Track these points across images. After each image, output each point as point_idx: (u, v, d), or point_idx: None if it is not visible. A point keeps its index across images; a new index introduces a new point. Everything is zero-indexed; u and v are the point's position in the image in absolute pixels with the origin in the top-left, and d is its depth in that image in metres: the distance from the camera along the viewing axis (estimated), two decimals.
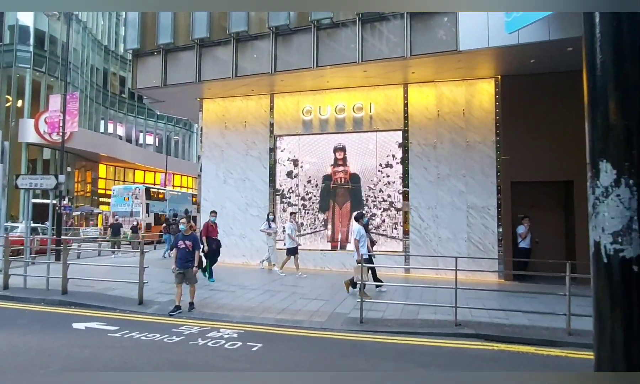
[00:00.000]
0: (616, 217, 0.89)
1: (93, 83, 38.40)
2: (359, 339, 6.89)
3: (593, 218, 0.95)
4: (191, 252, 8.47)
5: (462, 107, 12.70)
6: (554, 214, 12.46)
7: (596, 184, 0.93)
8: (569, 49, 10.09)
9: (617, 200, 0.88)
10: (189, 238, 8.55)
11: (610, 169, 0.90)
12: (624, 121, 0.91)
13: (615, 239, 0.89)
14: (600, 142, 0.95)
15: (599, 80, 1.00)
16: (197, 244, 8.65)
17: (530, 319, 7.66)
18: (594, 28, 0.97)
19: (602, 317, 0.97)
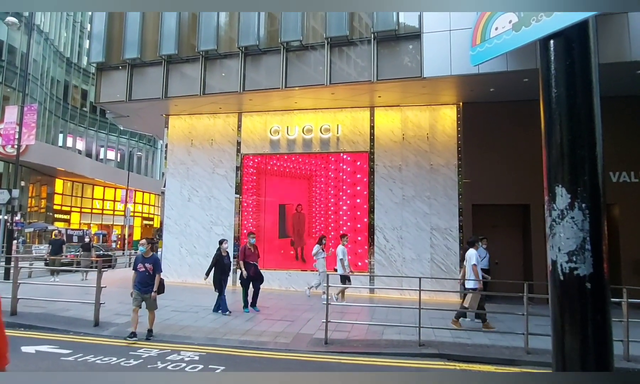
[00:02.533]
0: (571, 237, 0.95)
1: (53, 95, 37.04)
2: (325, 360, 6.83)
3: (550, 238, 1.01)
4: (151, 275, 7.86)
5: (426, 131, 13.12)
6: (512, 235, 12.96)
7: (553, 207, 0.99)
8: (525, 80, 10.70)
9: (572, 222, 0.94)
10: (149, 260, 7.90)
11: (565, 193, 0.97)
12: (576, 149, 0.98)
13: (570, 258, 0.95)
14: (555, 168, 1.02)
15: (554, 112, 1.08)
16: (158, 267, 7.97)
17: (491, 339, 7.86)
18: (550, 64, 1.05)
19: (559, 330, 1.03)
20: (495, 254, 12.56)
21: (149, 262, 7.90)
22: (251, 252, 10.27)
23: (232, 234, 14.35)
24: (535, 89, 7.81)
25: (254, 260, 10.26)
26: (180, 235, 14.80)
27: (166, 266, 14.79)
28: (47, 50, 35.89)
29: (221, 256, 9.92)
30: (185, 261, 14.67)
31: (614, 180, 11.83)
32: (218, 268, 9.89)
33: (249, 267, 10.09)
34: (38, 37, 33.85)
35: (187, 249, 14.69)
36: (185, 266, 14.64)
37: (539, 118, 7.41)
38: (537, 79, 7.53)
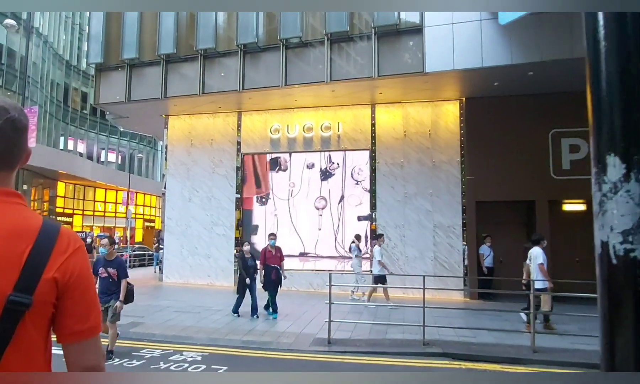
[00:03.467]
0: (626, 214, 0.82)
1: (53, 98, 37.01)
2: (328, 360, 6.72)
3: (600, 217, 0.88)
4: (116, 282, 6.60)
5: (428, 127, 12.99)
6: (517, 233, 12.80)
7: (603, 180, 0.87)
8: (530, 73, 10.57)
9: (627, 196, 0.82)
10: (112, 264, 6.63)
11: (619, 163, 0.84)
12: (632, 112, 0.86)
13: (625, 238, 0.83)
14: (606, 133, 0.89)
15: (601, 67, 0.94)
16: (123, 272, 6.69)
17: (496, 337, 7.72)
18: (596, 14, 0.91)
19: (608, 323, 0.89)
20: (499, 251, 12.43)
21: (112, 266, 6.64)
22: (272, 255, 9.67)
23: (233, 235, 14.24)
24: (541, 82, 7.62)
25: (275, 263, 9.61)
26: (181, 236, 14.71)
27: (168, 267, 14.73)
28: (47, 53, 35.87)
29: (244, 258, 9.51)
30: (186, 262, 14.57)
31: None
32: (242, 270, 9.53)
33: (270, 270, 9.53)
34: (37, 40, 33.84)
35: (188, 249, 14.59)
36: (187, 266, 14.54)
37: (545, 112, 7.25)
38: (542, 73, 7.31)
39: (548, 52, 10.01)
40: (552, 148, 12.17)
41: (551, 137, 12.20)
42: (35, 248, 1.11)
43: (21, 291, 1.07)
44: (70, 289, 1.16)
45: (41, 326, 1.14)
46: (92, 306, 1.22)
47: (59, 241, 1.16)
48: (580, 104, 10.91)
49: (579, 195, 12.17)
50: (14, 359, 1.07)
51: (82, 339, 1.18)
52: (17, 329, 1.07)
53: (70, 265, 1.16)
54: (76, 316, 1.18)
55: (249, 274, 9.32)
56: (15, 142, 1.20)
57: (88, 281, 1.22)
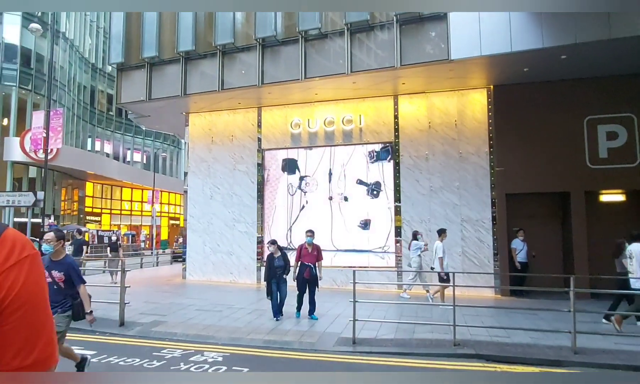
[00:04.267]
0: None
1: (80, 101, 37.89)
2: (353, 361, 6.42)
3: None
4: (63, 289, 5.05)
5: (454, 118, 12.46)
6: (550, 226, 12.17)
7: None
8: (562, 56, 9.94)
9: None
10: (59, 266, 5.01)
11: None
12: None
13: None
14: None
15: None
16: (75, 277, 5.10)
17: (533, 338, 7.26)
18: None
19: None
20: (532, 246, 11.84)
21: (59, 269, 5.01)
22: (307, 253, 9.04)
23: (255, 232, 14.09)
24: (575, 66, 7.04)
25: (310, 261, 8.97)
26: (203, 233, 14.66)
27: (190, 265, 14.72)
28: (73, 56, 36.70)
29: (271, 258, 9.01)
30: (209, 259, 14.51)
31: None
32: (267, 270, 9.03)
33: (303, 269, 8.93)
34: (64, 44, 34.65)
35: (210, 247, 14.54)
36: (209, 264, 14.49)
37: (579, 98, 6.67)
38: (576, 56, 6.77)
39: (583, 33, 9.38)
40: (588, 136, 11.48)
41: (586, 125, 11.50)
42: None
43: None
44: (7, 311, 0.89)
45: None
46: (40, 332, 0.94)
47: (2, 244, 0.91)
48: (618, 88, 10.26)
49: (617, 185, 11.46)
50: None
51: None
52: None
53: (9, 280, 0.89)
54: (15, 347, 0.90)
55: (275, 275, 8.78)
56: None
57: (35, 300, 0.94)
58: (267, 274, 8.84)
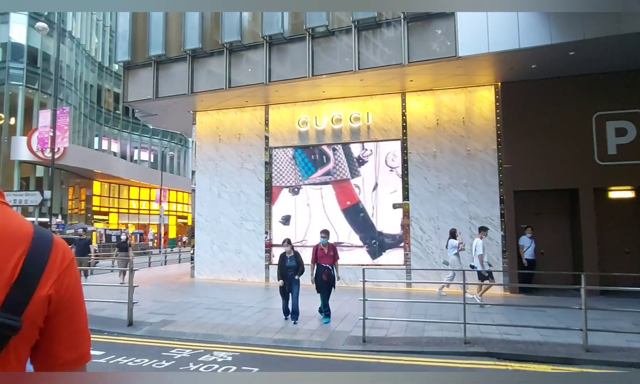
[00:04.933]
0: None
1: (87, 100, 38.10)
2: (363, 360, 6.42)
3: None
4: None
5: (462, 115, 12.40)
6: (559, 223, 12.09)
7: None
8: (571, 53, 9.86)
9: None
10: None
11: None
12: None
13: None
14: None
15: None
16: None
17: (543, 335, 7.23)
18: None
19: None
20: (540, 243, 11.78)
21: None
22: (323, 254, 8.60)
23: (263, 230, 14.12)
24: (583, 62, 6.99)
25: (327, 262, 8.53)
26: (211, 232, 14.71)
27: (198, 263, 14.78)
28: (80, 55, 36.88)
29: (283, 257, 8.70)
30: (217, 258, 14.57)
31: None
32: (279, 270, 8.71)
33: (321, 271, 8.50)
34: (70, 43, 34.81)
35: (218, 245, 14.59)
36: (217, 262, 14.54)
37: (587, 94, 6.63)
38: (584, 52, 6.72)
39: (591, 29, 9.29)
40: (597, 132, 11.38)
41: (595, 121, 11.41)
42: (29, 258, 0.91)
43: (9, 312, 0.86)
44: (62, 309, 0.96)
45: (23, 357, 0.93)
46: (85, 328, 1.03)
47: (54, 251, 0.96)
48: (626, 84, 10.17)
49: (627, 181, 11.37)
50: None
51: (71, 369, 0.98)
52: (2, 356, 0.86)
53: (65, 280, 0.96)
54: (67, 343, 0.97)
55: (286, 276, 8.50)
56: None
57: (81, 301, 1.03)
58: (279, 274, 8.64)
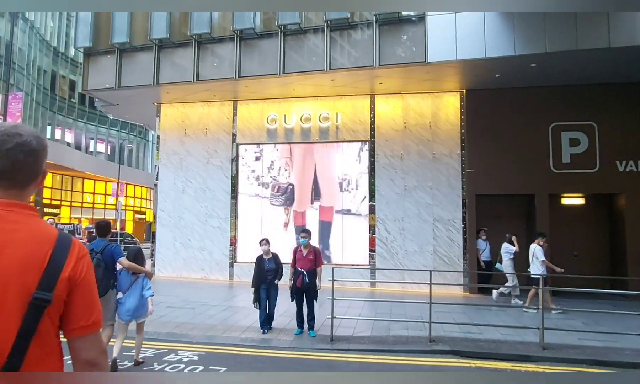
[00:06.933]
0: None
1: (40, 86, 36.04)
2: (331, 358, 6.46)
3: None
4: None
5: (429, 119, 12.72)
6: (515, 226, 12.63)
7: None
8: (532, 65, 10.35)
9: None
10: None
11: None
12: None
13: None
14: None
15: None
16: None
17: (503, 334, 7.55)
18: None
19: None
20: (498, 245, 12.24)
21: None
22: (302, 256, 7.66)
23: (228, 227, 13.89)
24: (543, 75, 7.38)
25: (304, 266, 7.58)
26: (174, 228, 14.31)
27: (160, 260, 14.34)
28: (33, 39, 34.87)
29: (260, 260, 7.81)
30: (179, 255, 14.19)
31: (621, 169, 11.55)
32: (255, 274, 7.80)
33: (296, 276, 7.67)
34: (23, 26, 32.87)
35: (181, 242, 14.22)
36: (180, 259, 14.17)
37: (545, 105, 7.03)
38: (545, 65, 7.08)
39: (553, 43, 9.80)
40: (552, 142, 12.00)
41: (551, 131, 12.03)
42: (55, 253, 1.31)
43: (44, 289, 1.25)
44: (79, 287, 1.34)
45: (56, 321, 1.31)
46: (95, 304, 1.39)
47: (72, 246, 1.36)
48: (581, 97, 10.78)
49: (578, 189, 12.08)
50: (37, 352, 1.24)
51: (86, 334, 1.35)
52: (39, 323, 1.24)
53: (80, 266, 1.36)
54: (81, 312, 1.34)
55: (264, 280, 7.65)
56: (23, 164, 1.35)
57: (92, 282, 1.40)
58: (256, 279, 7.71)
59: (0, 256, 1.23)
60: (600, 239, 12.31)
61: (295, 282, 7.66)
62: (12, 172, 1.33)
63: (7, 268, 1.22)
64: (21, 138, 1.34)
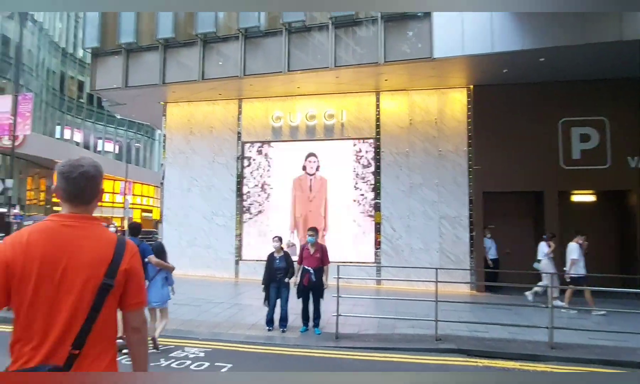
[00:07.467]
0: None
1: (49, 87, 36.39)
2: (337, 356, 6.43)
3: None
4: None
5: (435, 116, 12.61)
6: (524, 224, 12.51)
7: None
8: (541, 59, 10.19)
9: None
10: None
11: None
12: None
13: None
14: None
15: None
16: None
17: (511, 333, 7.45)
18: None
19: None
20: (506, 243, 12.15)
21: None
22: (309, 254, 7.61)
23: (234, 225, 13.90)
24: (552, 69, 7.22)
25: (311, 265, 7.53)
26: (180, 226, 14.36)
27: None
28: (42, 40, 35.21)
29: (271, 258, 7.76)
30: (185, 253, 14.22)
31: (632, 165, 11.36)
32: (266, 272, 7.79)
33: (303, 274, 7.61)
34: (32, 27, 33.19)
35: (187, 240, 14.25)
36: (186, 257, 14.19)
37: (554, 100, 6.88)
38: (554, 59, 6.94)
39: (561, 37, 9.65)
40: (562, 137, 11.83)
41: (561, 126, 11.86)
42: (116, 251, 1.80)
43: (109, 277, 1.75)
44: (131, 276, 1.84)
45: (116, 300, 1.81)
46: (142, 288, 1.91)
47: (127, 247, 1.85)
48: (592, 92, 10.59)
49: (589, 186, 11.90)
50: (103, 319, 1.73)
51: (135, 309, 1.88)
52: (105, 302, 1.74)
53: (132, 261, 1.85)
54: (133, 294, 1.86)
55: (274, 278, 7.59)
56: (86, 188, 1.83)
57: (140, 273, 1.91)
58: (266, 277, 7.67)
59: (79, 255, 1.73)
60: (611, 237, 12.11)
61: (302, 280, 7.59)
62: (79, 194, 1.82)
63: (84, 263, 1.72)
64: (83, 168, 1.83)
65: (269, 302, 7.64)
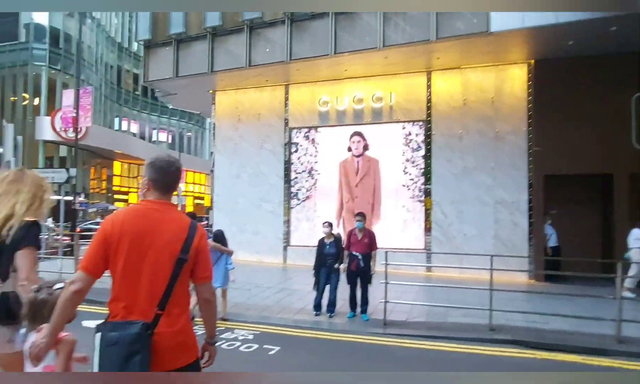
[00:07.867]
0: None
1: (107, 80, 38.40)
2: (385, 343, 6.26)
3: None
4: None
5: (491, 94, 11.90)
6: (590, 209, 11.61)
7: None
8: (612, 28, 9.26)
9: None
10: None
11: None
12: None
13: None
14: None
15: None
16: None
17: (572, 325, 6.89)
18: None
19: None
20: (570, 230, 11.33)
21: None
22: (356, 240, 7.46)
23: (282, 212, 13.98)
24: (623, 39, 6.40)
25: (359, 250, 7.39)
26: (230, 213, 14.65)
27: None
28: (100, 36, 37.08)
29: (322, 243, 7.73)
30: (235, 239, 14.36)
31: None
32: (316, 257, 7.79)
33: (351, 260, 7.47)
34: (91, 24, 34.98)
35: (237, 226, 14.50)
36: (236, 243, 14.26)
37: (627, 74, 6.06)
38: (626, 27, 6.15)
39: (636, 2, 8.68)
40: (636, 115, 10.75)
41: (635, 102, 10.77)
42: (189, 232, 2.13)
43: (183, 253, 2.09)
44: (201, 253, 2.17)
45: (188, 272, 2.14)
46: (209, 264, 2.26)
47: (198, 229, 2.17)
48: None
49: None
50: (178, 290, 2.07)
51: (205, 282, 2.22)
52: (180, 273, 2.07)
53: (201, 241, 2.17)
54: (202, 268, 2.18)
55: (324, 263, 7.56)
56: (177, 180, 2.27)
57: (208, 251, 2.25)
58: (316, 262, 7.69)
59: (161, 234, 2.07)
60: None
61: (350, 266, 7.46)
62: (172, 185, 2.23)
63: (165, 240, 2.07)
64: (177, 164, 2.26)
65: (318, 287, 7.61)
